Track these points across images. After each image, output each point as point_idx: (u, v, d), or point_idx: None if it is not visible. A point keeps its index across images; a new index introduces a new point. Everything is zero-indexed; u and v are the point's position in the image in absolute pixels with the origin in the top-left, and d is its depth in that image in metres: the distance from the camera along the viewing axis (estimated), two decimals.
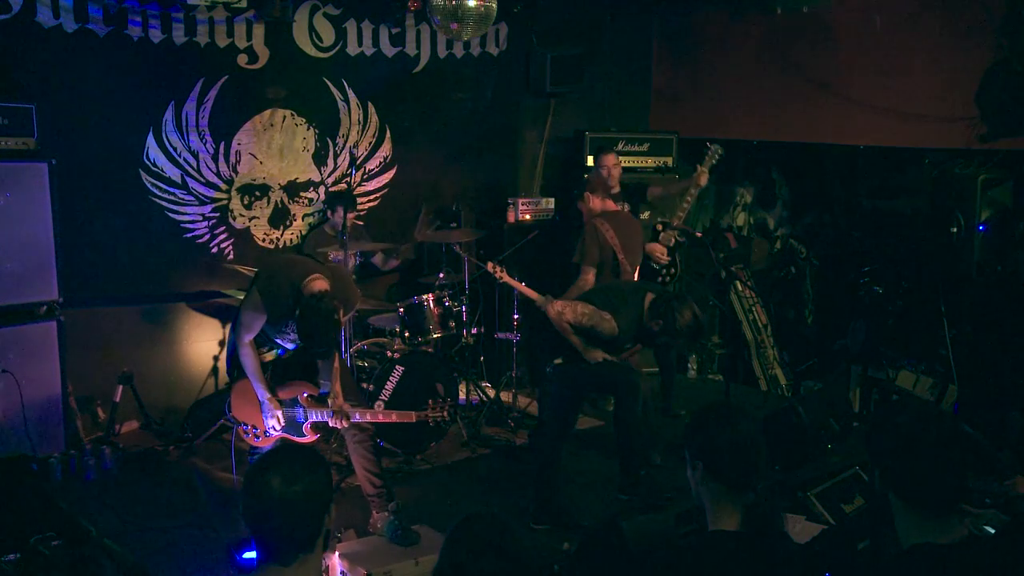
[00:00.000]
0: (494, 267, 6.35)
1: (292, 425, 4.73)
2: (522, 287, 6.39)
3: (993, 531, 3.64)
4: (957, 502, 2.40)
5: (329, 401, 4.68)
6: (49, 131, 5.85)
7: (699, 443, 2.66)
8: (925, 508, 2.37)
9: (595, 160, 7.02)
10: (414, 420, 4.84)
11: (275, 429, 4.69)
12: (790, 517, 4.83)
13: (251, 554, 4.38)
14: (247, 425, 4.78)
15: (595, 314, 5.06)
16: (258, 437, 4.76)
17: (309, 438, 4.76)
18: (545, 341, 5.34)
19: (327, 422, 4.67)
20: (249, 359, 4.61)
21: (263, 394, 4.64)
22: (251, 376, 4.64)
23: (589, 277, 6.21)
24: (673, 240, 6.80)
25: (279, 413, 4.66)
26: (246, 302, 4.63)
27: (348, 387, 4.86)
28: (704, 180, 6.75)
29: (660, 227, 6.84)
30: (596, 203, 6.39)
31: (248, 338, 4.59)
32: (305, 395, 4.72)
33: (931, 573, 2.30)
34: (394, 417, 4.88)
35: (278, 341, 4.75)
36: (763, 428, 5.96)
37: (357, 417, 4.74)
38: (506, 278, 6.36)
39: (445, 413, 4.77)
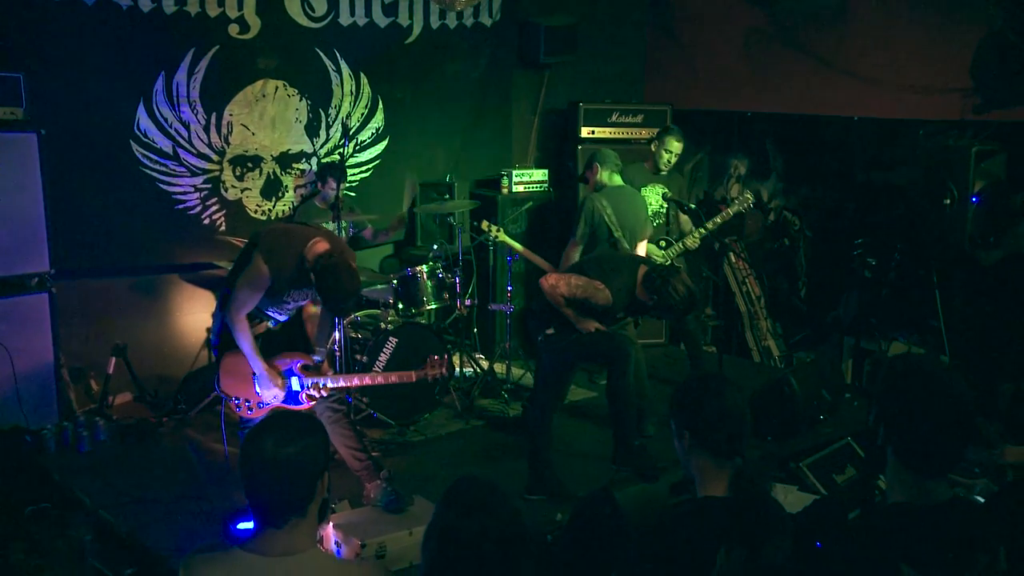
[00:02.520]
0: (489, 226, 6.46)
1: (288, 395, 4.74)
2: (522, 249, 6.48)
3: (983, 500, 3.67)
4: (951, 469, 2.43)
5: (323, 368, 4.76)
6: (38, 101, 5.80)
7: (686, 413, 2.70)
8: (920, 470, 2.40)
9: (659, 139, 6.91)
10: (414, 380, 4.88)
11: (276, 399, 4.70)
12: (782, 487, 4.86)
13: (246, 524, 4.40)
14: (239, 399, 4.77)
15: (589, 285, 5.05)
16: (251, 409, 4.76)
17: (306, 406, 4.78)
18: (536, 312, 5.34)
19: (310, 392, 4.70)
20: (245, 334, 4.59)
21: (260, 367, 4.62)
22: (247, 350, 4.62)
23: (572, 252, 6.28)
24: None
25: (278, 382, 4.67)
26: (245, 276, 4.57)
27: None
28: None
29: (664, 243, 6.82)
30: (603, 176, 6.34)
31: (244, 313, 4.57)
32: (300, 364, 4.74)
33: (907, 530, 2.33)
34: (393, 378, 4.91)
35: (270, 313, 4.73)
36: (756, 399, 6.03)
37: (356, 382, 4.79)
38: (503, 237, 6.45)
39: (444, 370, 4.80)
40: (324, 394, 4.72)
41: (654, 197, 6.92)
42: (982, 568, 2.31)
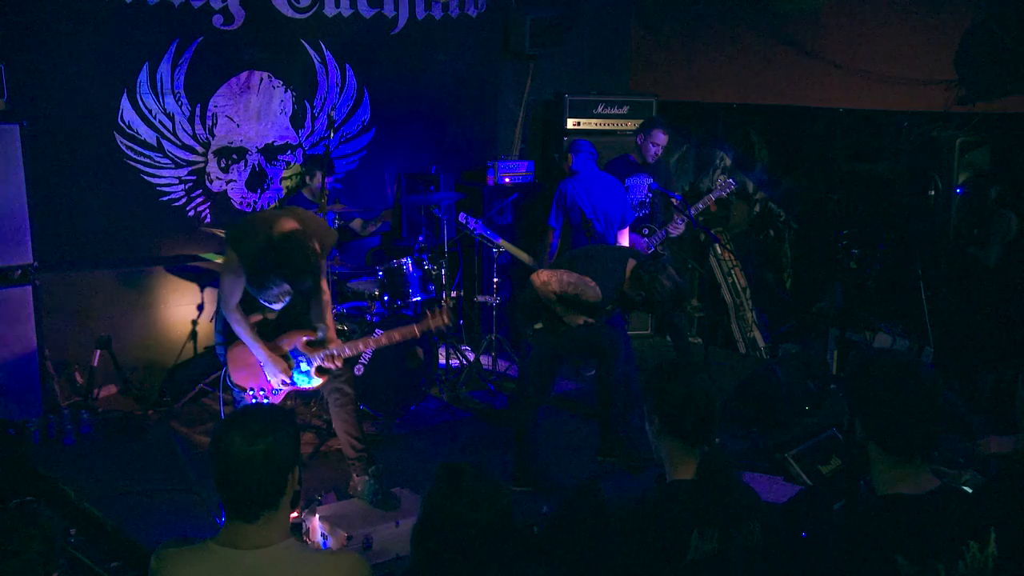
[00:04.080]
0: (467, 218, 6.47)
1: (299, 375, 4.72)
2: (505, 243, 6.49)
3: (971, 491, 3.69)
4: (930, 446, 2.45)
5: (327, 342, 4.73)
6: (20, 92, 5.76)
7: (656, 399, 2.75)
8: (900, 452, 2.43)
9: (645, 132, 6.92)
10: (417, 335, 4.90)
11: (285, 384, 4.68)
12: (768, 478, 4.89)
13: None
14: (251, 390, 4.74)
15: (580, 282, 5.04)
16: (266, 399, 4.73)
17: (320, 382, 4.75)
18: (524, 305, 5.34)
19: (322, 364, 4.69)
20: (241, 324, 4.57)
21: (263, 355, 4.61)
22: (246, 340, 4.60)
23: (547, 238, 6.35)
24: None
25: (284, 366, 4.65)
26: (224, 267, 4.59)
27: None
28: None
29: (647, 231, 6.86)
30: (577, 163, 6.40)
31: (233, 302, 4.54)
32: (304, 340, 4.72)
33: (900, 521, 2.35)
34: (397, 336, 4.88)
35: (263, 302, 4.71)
36: (742, 390, 6.05)
37: (362, 347, 4.83)
38: (481, 229, 6.49)
39: (445, 318, 4.81)
40: (339, 364, 4.69)
41: (640, 189, 6.92)
42: (974, 553, 2.34)
